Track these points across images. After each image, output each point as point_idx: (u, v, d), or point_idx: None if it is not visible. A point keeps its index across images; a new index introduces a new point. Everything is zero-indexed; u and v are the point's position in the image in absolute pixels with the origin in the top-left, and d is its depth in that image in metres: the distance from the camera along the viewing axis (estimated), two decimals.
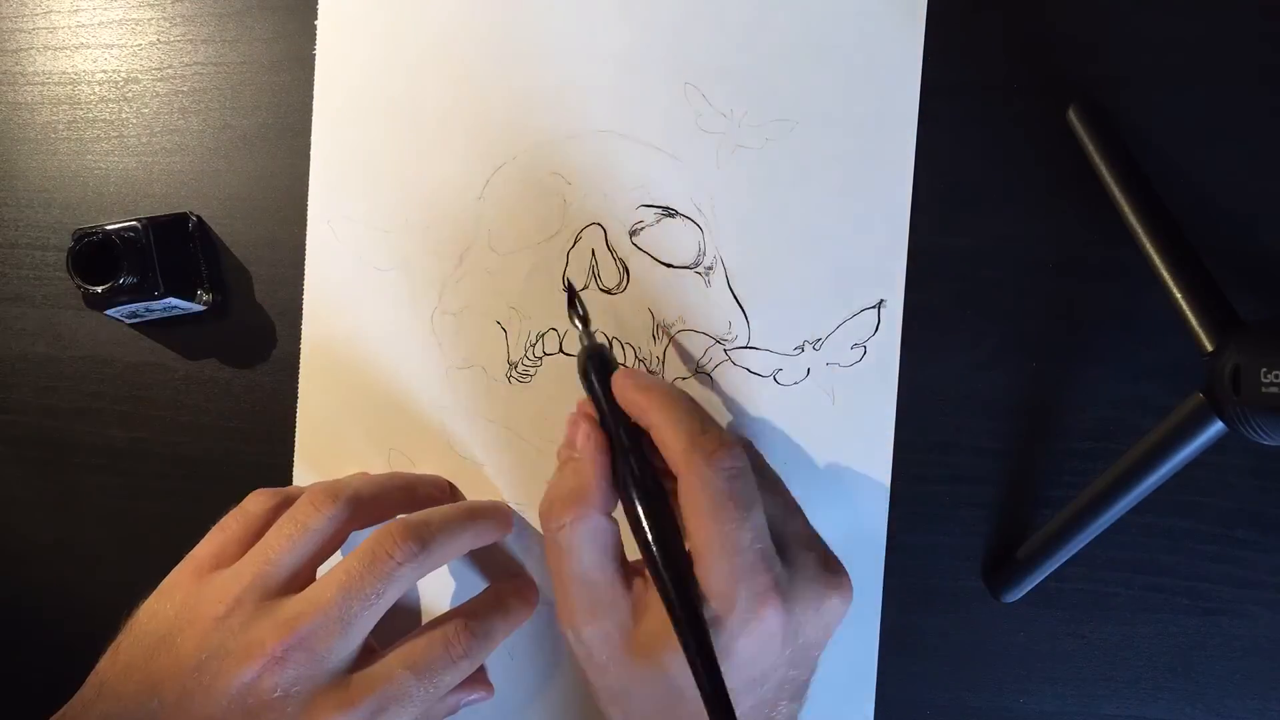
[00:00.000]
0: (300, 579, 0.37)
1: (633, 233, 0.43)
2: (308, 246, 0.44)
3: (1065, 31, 0.42)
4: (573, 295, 0.41)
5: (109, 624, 0.38)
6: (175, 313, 0.44)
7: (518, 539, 0.44)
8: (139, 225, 0.42)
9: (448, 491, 0.43)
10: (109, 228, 0.42)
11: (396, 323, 0.44)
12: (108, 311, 0.42)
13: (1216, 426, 0.36)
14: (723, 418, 0.43)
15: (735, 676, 0.32)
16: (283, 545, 0.37)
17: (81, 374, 0.46)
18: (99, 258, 0.41)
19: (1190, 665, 0.43)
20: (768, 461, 0.39)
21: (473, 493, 0.44)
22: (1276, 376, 0.32)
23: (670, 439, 0.34)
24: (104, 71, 0.45)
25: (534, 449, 0.44)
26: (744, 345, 0.43)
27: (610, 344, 0.43)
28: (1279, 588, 0.43)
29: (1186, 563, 0.43)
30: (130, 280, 0.41)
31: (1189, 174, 0.42)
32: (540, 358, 0.44)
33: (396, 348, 0.44)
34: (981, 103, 0.43)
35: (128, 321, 0.44)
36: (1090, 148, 0.41)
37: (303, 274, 0.44)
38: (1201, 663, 0.43)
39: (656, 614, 0.33)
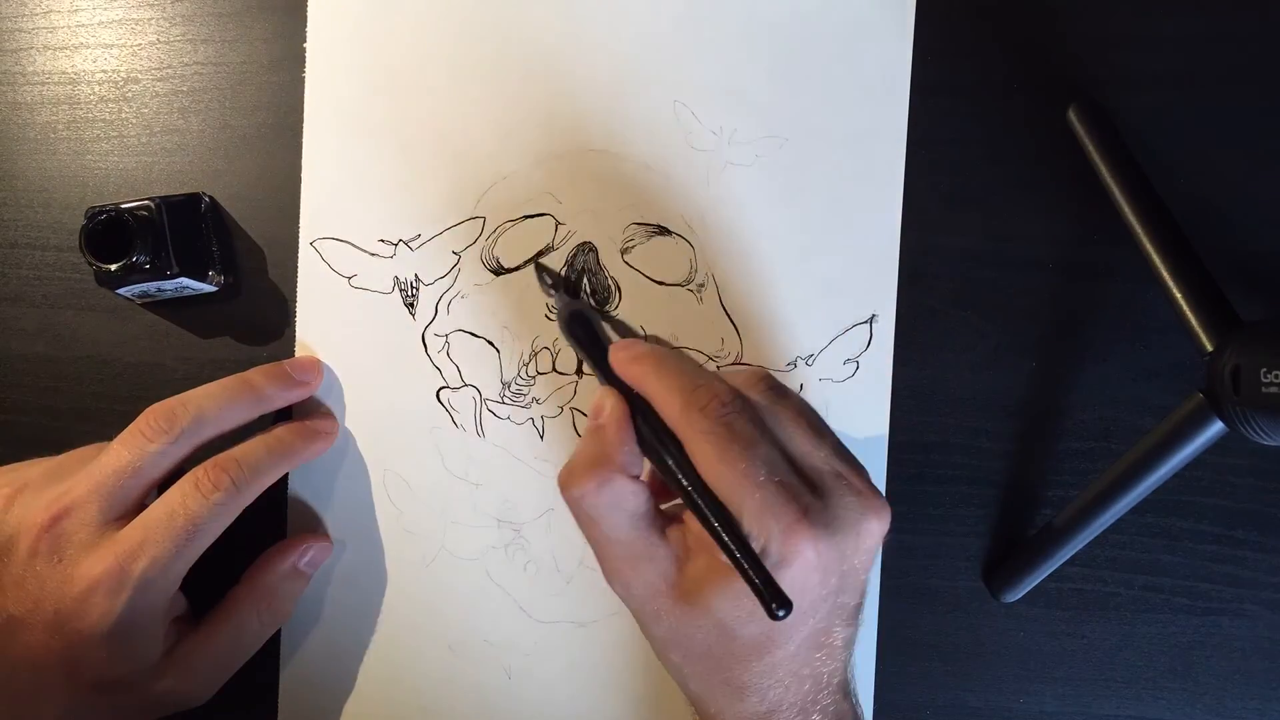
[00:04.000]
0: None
1: (624, 251, 0.43)
2: (299, 268, 0.44)
3: (1065, 31, 0.42)
4: (539, 269, 0.42)
5: None
6: (186, 293, 0.44)
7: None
8: (152, 204, 0.42)
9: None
10: (123, 206, 0.41)
11: (389, 343, 0.44)
12: (119, 290, 0.42)
13: (1216, 426, 0.36)
14: None
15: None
16: (88, 450, 0.41)
17: (81, 374, 0.46)
18: (112, 237, 0.41)
19: (1190, 665, 0.43)
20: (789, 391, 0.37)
21: (469, 514, 0.44)
22: (1276, 377, 0.32)
23: (665, 405, 0.34)
24: (104, 71, 0.45)
25: (529, 467, 0.44)
26: (737, 362, 0.43)
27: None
28: (1279, 588, 0.43)
29: (1186, 563, 0.43)
30: (143, 259, 0.41)
31: (1189, 174, 0.42)
32: (534, 376, 0.44)
33: (390, 368, 0.44)
34: (981, 103, 0.43)
35: (138, 301, 0.44)
36: (1090, 148, 0.41)
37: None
38: (1201, 663, 0.43)
39: (698, 559, 0.34)
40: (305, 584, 0.43)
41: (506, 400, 0.44)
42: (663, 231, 0.43)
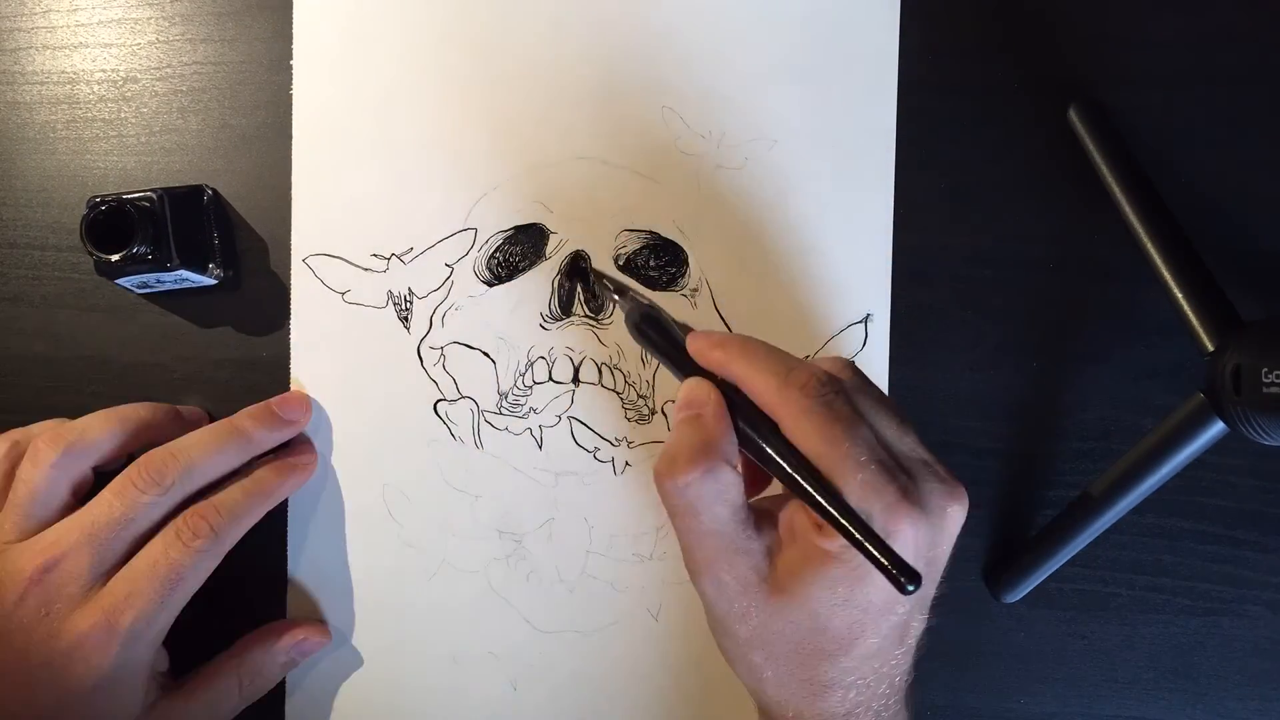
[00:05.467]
0: (61, 509, 0.40)
1: (617, 258, 0.43)
2: (292, 283, 0.44)
3: (1065, 31, 0.42)
4: (598, 275, 0.42)
5: None
6: (185, 285, 0.44)
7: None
8: (155, 195, 0.42)
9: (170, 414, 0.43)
10: (125, 196, 0.41)
11: (385, 358, 0.44)
12: (118, 281, 0.42)
13: (1217, 426, 0.36)
14: None
15: (877, 595, 0.32)
16: (32, 489, 0.40)
17: (81, 374, 0.46)
18: (113, 227, 0.41)
19: (1190, 665, 0.43)
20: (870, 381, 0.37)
21: (469, 526, 0.44)
22: (1277, 377, 0.32)
23: (760, 385, 0.34)
24: (103, 71, 0.45)
25: (529, 478, 0.44)
26: None
27: (600, 371, 0.43)
28: (1279, 588, 0.43)
29: (1186, 563, 0.43)
30: (144, 250, 0.41)
31: (1189, 174, 0.42)
32: (530, 386, 0.44)
33: (386, 383, 0.44)
34: (981, 103, 0.43)
35: (137, 291, 0.44)
36: (1090, 148, 0.41)
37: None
38: (1202, 663, 0.43)
39: (789, 550, 0.33)
40: (293, 667, 0.44)
41: (504, 411, 0.44)
42: (655, 237, 0.43)
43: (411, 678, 0.45)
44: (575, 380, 0.44)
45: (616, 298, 0.40)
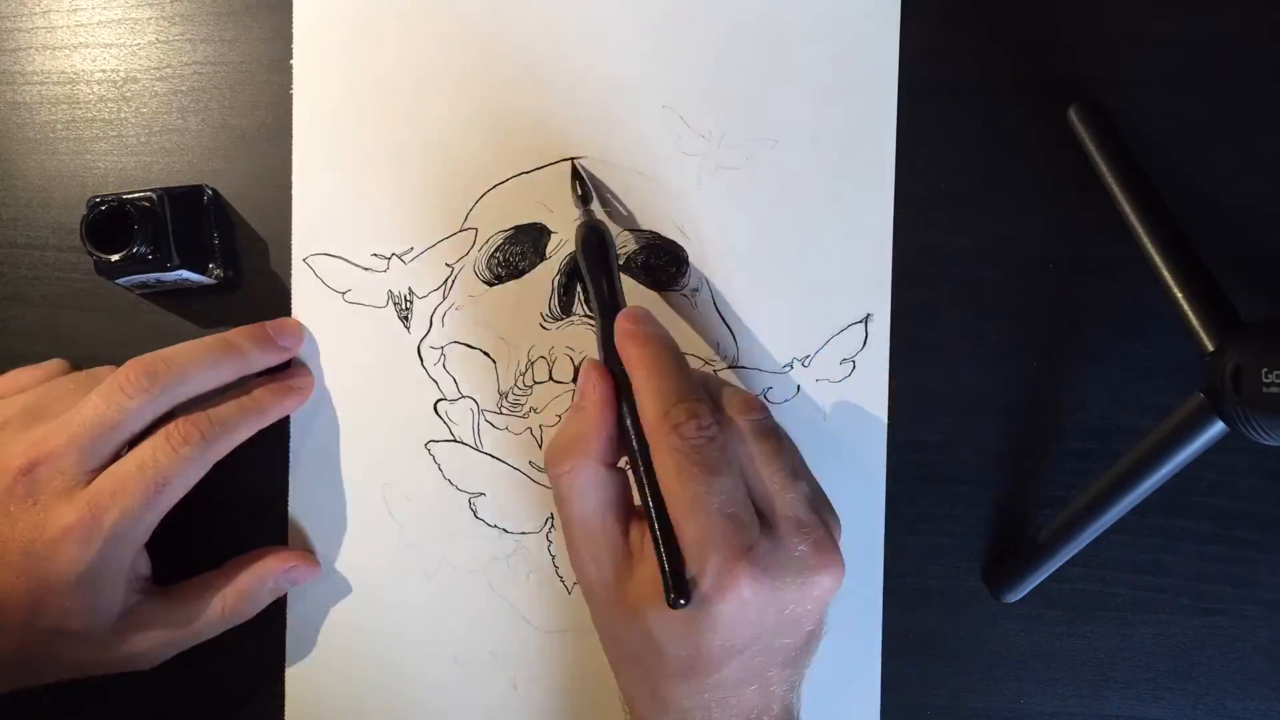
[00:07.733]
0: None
1: (617, 257, 0.43)
2: (292, 283, 0.44)
3: (1065, 31, 0.42)
4: (575, 172, 0.42)
5: None
6: (185, 285, 0.44)
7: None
8: (155, 195, 0.42)
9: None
10: (125, 196, 0.41)
11: (385, 357, 0.44)
12: (118, 280, 0.42)
13: (1217, 427, 0.36)
14: None
15: (715, 639, 0.32)
16: (65, 384, 0.41)
17: None
18: (113, 227, 0.41)
19: (1190, 665, 0.43)
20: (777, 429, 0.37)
21: (469, 526, 0.44)
22: (1277, 377, 0.32)
23: (645, 405, 0.35)
24: (103, 71, 0.45)
25: (528, 477, 0.44)
26: (733, 365, 0.43)
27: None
28: (1279, 588, 0.43)
29: (1186, 563, 0.43)
30: (144, 250, 0.41)
31: (1189, 174, 0.42)
32: (531, 386, 0.44)
33: (386, 382, 0.44)
34: (981, 102, 0.43)
35: (136, 291, 0.44)
36: (1090, 148, 0.41)
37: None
38: (1202, 663, 0.43)
39: (645, 568, 0.34)
40: (278, 595, 0.44)
41: (504, 411, 0.44)
42: (655, 237, 0.43)
43: (412, 679, 0.45)
44: (575, 380, 0.43)
45: (581, 206, 0.41)
